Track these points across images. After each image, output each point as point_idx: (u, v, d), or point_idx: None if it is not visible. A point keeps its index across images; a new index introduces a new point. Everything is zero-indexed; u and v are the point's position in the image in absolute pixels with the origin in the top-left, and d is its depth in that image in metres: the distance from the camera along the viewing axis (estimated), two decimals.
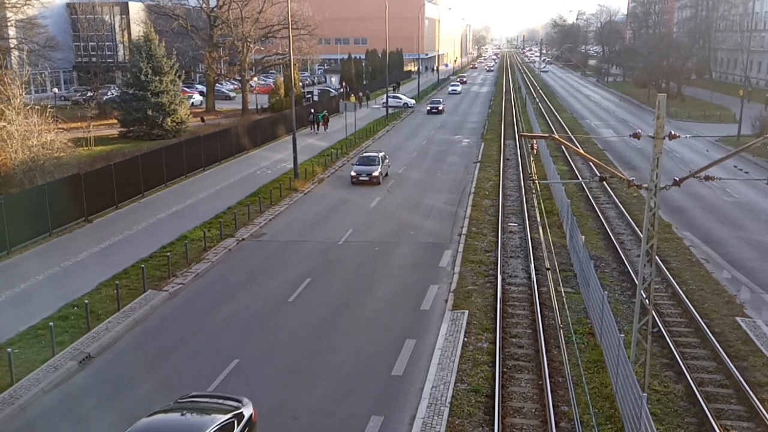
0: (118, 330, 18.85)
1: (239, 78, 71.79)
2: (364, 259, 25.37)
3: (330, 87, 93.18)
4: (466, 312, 20.08)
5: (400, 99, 79.40)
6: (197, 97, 76.02)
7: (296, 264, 24.74)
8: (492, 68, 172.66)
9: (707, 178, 15.00)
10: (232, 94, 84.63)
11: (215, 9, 67.69)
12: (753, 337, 18.43)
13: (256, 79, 79.74)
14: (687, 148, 47.73)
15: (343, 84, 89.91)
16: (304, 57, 75.99)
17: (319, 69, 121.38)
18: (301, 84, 77.32)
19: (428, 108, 74.21)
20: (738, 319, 19.64)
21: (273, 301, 21.29)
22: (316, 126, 57.70)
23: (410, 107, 77.68)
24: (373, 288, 22.44)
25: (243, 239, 27.61)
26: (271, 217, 31.02)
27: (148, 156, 35.41)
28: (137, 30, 73.20)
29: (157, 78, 50.47)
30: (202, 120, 60.40)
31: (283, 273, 23.81)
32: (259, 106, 68.39)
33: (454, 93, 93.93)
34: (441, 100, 79.51)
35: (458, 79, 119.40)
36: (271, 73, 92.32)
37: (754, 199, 33.92)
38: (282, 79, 68.33)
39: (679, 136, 14.76)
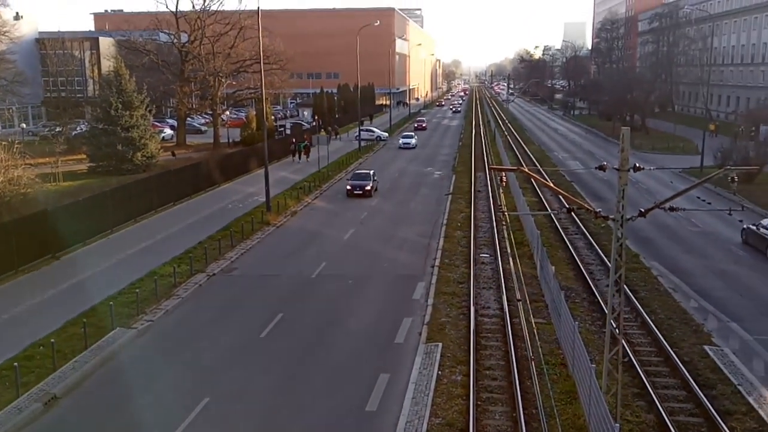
0: (85, 369, 18.43)
1: (211, 112, 71.82)
2: (338, 292, 25.28)
3: (302, 120, 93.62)
4: (440, 344, 20.07)
5: (373, 132, 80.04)
6: (168, 131, 75.67)
7: (268, 299, 24.54)
8: (459, 108, 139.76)
9: (672, 209, 15.32)
10: (204, 128, 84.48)
11: (186, 44, 67.96)
12: (721, 366, 18.69)
13: (227, 112, 79.80)
14: (652, 180, 48.75)
15: (316, 117, 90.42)
16: (276, 91, 76.40)
17: (291, 103, 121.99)
18: (273, 117, 77.66)
19: (401, 143, 72.11)
20: (706, 347, 19.92)
21: (244, 337, 21.04)
22: (298, 155, 60.00)
23: (383, 140, 78.29)
24: (347, 322, 22.33)
25: (214, 274, 27.34)
26: (243, 251, 30.81)
27: (116, 191, 35.06)
28: (107, 65, 72.89)
29: (128, 113, 50.23)
30: (173, 154, 60.10)
31: (255, 308, 23.58)
32: (230, 140, 68.34)
33: (406, 147, 70.64)
34: (413, 134, 76.96)
35: (417, 123, 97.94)
36: (243, 106, 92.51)
37: (717, 229, 34.69)
38: (254, 112, 68.50)
39: (643, 168, 15.13)
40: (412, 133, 76.17)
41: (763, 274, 27.52)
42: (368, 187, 43.66)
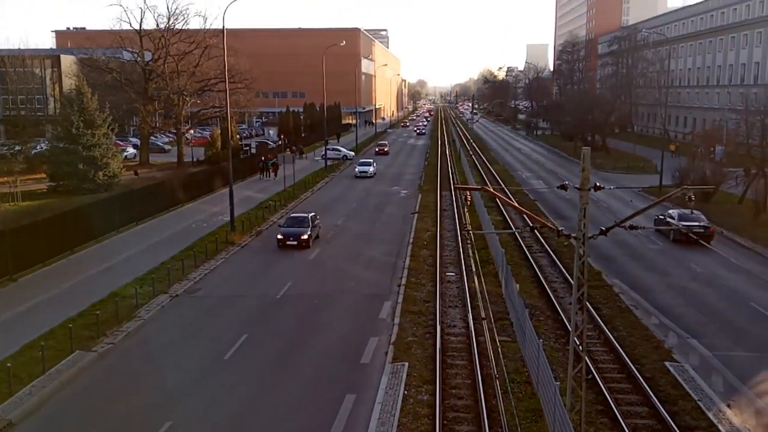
0: (43, 394, 17.92)
1: (175, 131, 71.15)
2: (303, 312, 25.11)
3: (268, 139, 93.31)
4: (406, 364, 20.06)
5: (340, 151, 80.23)
6: (131, 150, 74.73)
7: (232, 320, 24.25)
8: (423, 130, 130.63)
9: (632, 227, 15.66)
10: (168, 147, 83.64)
11: (150, 63, 67.43)
12: (681, 382, 19.04)
13: (192, 131, 79.17)
14: (613, 199, 49.73)
15: (281, 136, 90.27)
16: (242, 110, 76.21)
17: (257, 122, 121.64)
18: (238, 136, 77.28)
19: (357, 171, 63.90)
20: (667, 363, 20.28)
21: (208, 359, 20.73)
22: (267, 173, 60.75)
23: (349, 159, 78.46)
24: (313, 342, 22.18)
25: (177, 295, 26.93)
26: (207, 271, 30.44)
27: (77, 211, 34.41)
28: (69, 83, 71.82)
29: (89, 131, 49.47)
30: (136, 173, 59.29)
31: (219, 330, 23.28)
32: (195, 159, 67.73)
33: (363, 175, 62.77)
34: (371, 160, 67.39)
35: (378, 147, 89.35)
36: (208, 125, 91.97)
37: (676, 247, 35.47)
38: (219, 131, 68.10)
39: (603, 187, 15.46)
40: (370, 160, 67.17)
41: (671, 257, 28.22)
42: (305, 236, 34.48)
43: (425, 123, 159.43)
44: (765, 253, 33.95)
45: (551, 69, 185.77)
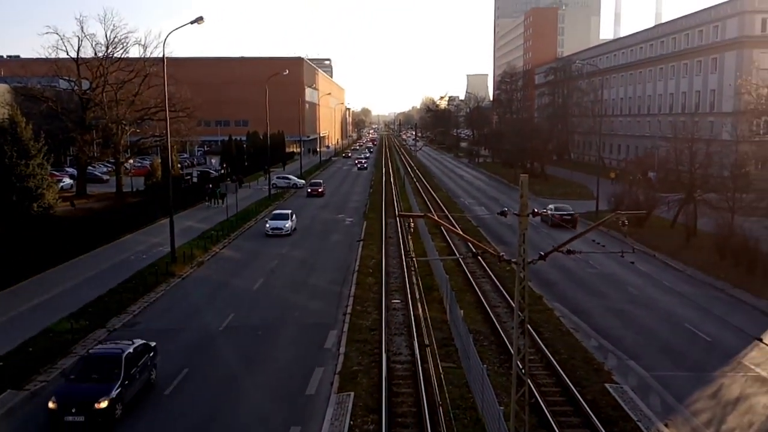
0: None
1: (113, 160, 69.49)
2: (247, 344, 24.70)
3: (210, 168, 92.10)
4: (352, 394, 19.92)
5: (290, 179, 79.89)
6: (67, 181, 72.43)
7: (173, 354, 23.60)
8: (365, 164, 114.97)
9: (569, 251, 16.09)
10: (106, 177, 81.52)
11: (88, 91, 65.91)
12: (621, 403, 19.51)
13: (131, 161, 77.45)
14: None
15: (224, 165, 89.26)
16: (183, 139, 75.06)
17: (198, 151, 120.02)
18: (179, 166, 76.01)
19: (268, 227, 47.27)
20: (607, 385, 20.77)
21: (147, 395, 20.08)
22: (214, 200, 60.59)
23: (299, 187, 78.17)
24: (256, 374, 21.81)
25: (114, 329, 26.10)
26: (146, 304, 29.64)
27: (8, 244, 33.07)
28: (2, 112, 69.45)
29: (23, 161, 47.76)
30: (72, 204, 57.39)
31: (159, 364, 22.61)
32: (134, 189, 66.19)
33: (276, 232, 46.59)
34: (289, 212, 49.95)
35: (311, 188, 73.11)
36: (148, 154, 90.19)
37: (613, 271, 36.57)
38: (159, 160, 66.83)
39: (541, 213, 15.88)
40: (288, 211, 50.15)
41: (608, 280, 29.23)
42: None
43: (368, 155, 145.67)
44: (696, 275, 35.32)
45: (491, 98, 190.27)
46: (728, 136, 56.27)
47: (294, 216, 46.16)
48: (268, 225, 47.26)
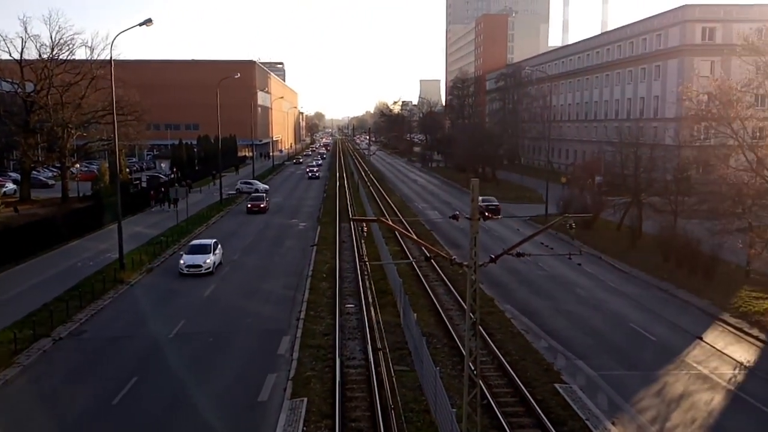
0: None
1: (59, 165, 67.55)
2: (198, 351, 24.35)
3: (160, 173, 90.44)
4: (305, 399, 19.85)
5: (252, 185, 78.96)
6: (10, 186, 70.12)
7: (121, 362, 23.12)
8: (316, 172, 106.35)
9: (519, 254, 16.42)
10: (51, 182, 79.23)
11: (32, 94, 63.90)
12: (570, 402, 19.96)
13: (78, 165, 75.46)
14: (503, 227, 51.79)
15: (174, 169, 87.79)
16: (131, 143, 73.51)
17: (148, 155, 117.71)
18: (128, 170, 74.47)
19: (183, 264, 36.43)
20: (556, 385, 21.21)
21: (95, 404, 19.62)
22: (167, 204, 59.20)
23: (260, 192, 76.89)
24: (208, 382, 21.51)
25: (60, 338, 25.39)
26: (94, 312, 28.93)
27: None
28: None
29: None
30: (16, 210, 55.56)
31: (107, 373, 22.13)
32: (81, 194, 64.45)
33: (192, 269, 35.98)
34: (211, 243, 38.05)
35: (252, 203, 61.87)
36: (95, 159, 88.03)
37: (562, 272, 37.35)
38: (107, 165, 65.30)
39: (492, 217, 16.17)
40: (210, 241, 38.57)
41: (557, 282, 29.95)
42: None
43: (320, 162, 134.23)
44: (641, 276, 36.37)
45: (444, 103, 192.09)
46: (671, 141, 58.15)
47: (218, 248, 37.72)
48: (182, 261, 35.92)
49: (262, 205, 61.15)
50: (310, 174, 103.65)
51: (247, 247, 44.59)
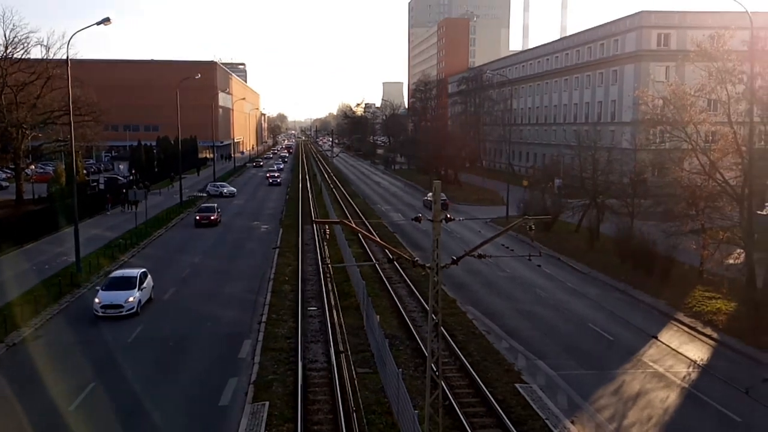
0: None
1: (13, 166, 65.73)
2: (157, 356, 23.98)
3: (118, 175, 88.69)
4: (267, 403, 19.72)
5: (219, 187, 77.95)
6: None
7: (78, 368, 22.60)
8: (278, 177, 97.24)
9: (480, 256, 16.58)
10: (5, 183, 77.05)
11: None
12: (530, 402, 20.26)
13: (32, 167, 73.52)
14: (466, 229, 52.21)
15: (133, 171, 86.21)
16: (89, 144, 72.02)
17: (105, 156, 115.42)
18: (85, 172, 72.85)
19: (97, 304, 30.40)
20: (517, 385, 21.50)
21: (49, 412, 19.14)
22: (128, 206, 57.98)
23: (225, 196, 75.74)
24: (167, 388, 21.21)
25: (14, 344, 24.73)
26: (49, 316, 28.25)
27: None
28: None
29: None
30: None
31: (63, 379, 21.61)
32: (36, 196, 62.84)
33: (112, 310, 28.24)
34: (136, 274, 30.28)
35: (201, 215, 55.16)
36: (51, 160, 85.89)
37: (522, 274, 37.87)
38: (63, 166, 63.78)
39: (454, 219, 16.31)
40: (134, 273, 30.79)
41: (518, 283, 30.43)
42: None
43: (281, 166, 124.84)
44: (599, 277, 37.09)
45: (406, 106, 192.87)
46: (627, 145, 59.47)
47: (147, 279, 30.41)
48: (97, 299, 28.43)
49: (212, 218, 54.36)
50: (271, 180, 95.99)
51: (207, 250, 44.05)
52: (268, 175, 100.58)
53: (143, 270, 31.10)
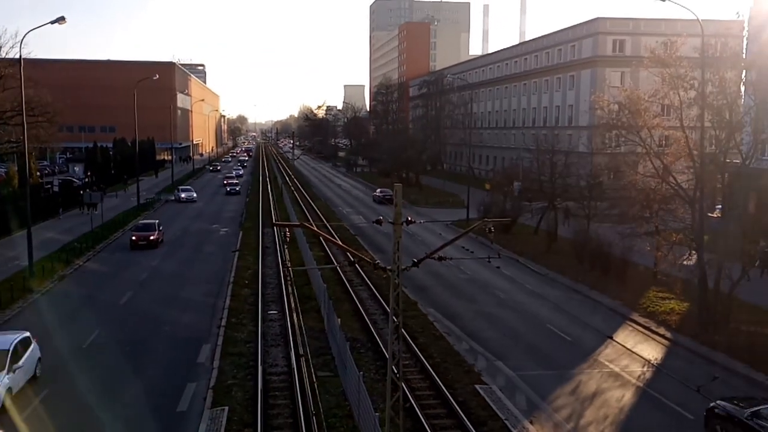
0: None
1: None
2: (113, 361, 23.49)
3: (74, 177, 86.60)
4: (227, 408, 19.49)
5: (184, 192, 74.98)
6: None
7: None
8: (236, 185, 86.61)
9: (441, 258, 16.69)
10: None
11: None
12: (490, 402, 20.46)
13: None
14: (427, 232, 52.48)
15: (89, 173, 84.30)
16: (43, 145, 70.11)
17: (60, 158, 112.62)
18: (38, 174, 71.04)
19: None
20: (477, 386, 21.69)
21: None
22: (88, 208, 55.75)
23: (184, 201, 73.28)
24: (124, 392, 20.79)
25: None
26: (0, 323, 27.39)
27: None
28: None
29: None
30: None
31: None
32: None
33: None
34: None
35: (138, 235, 45.45)
36: (3, 162, 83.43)
37: (482, 276, 38.23)
38: (16, 168, 62.03)
39: (415, 222, 16.39)
40: (11, 338, 21.14)
41: (478, 286, 30.81)
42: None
43: (240, 172, 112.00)
44: (557, 278, 37.69)
45: (368, 109, 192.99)
46: (584, 149, 60.59)
47: (30, 350, 21.55)
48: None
49: (151, 238, 44.70)
50: (229, 188, 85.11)
51: (165, 253, 43.36)
52: (225, 182, 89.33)
53: (23, 336, 21.80)
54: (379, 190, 78.60)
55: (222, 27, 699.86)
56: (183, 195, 74.48)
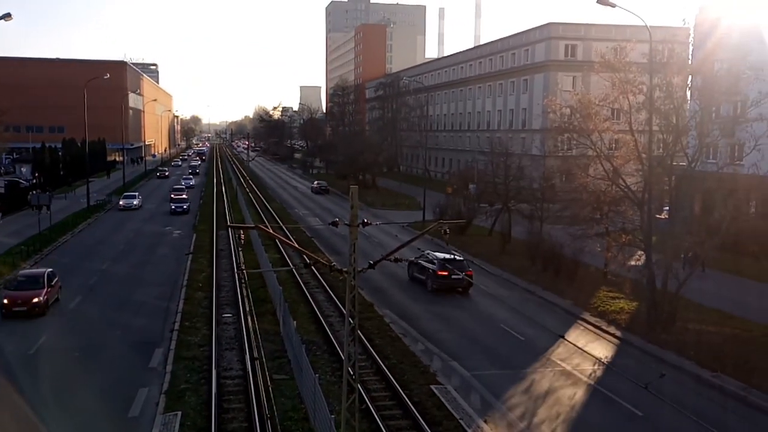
0: None
1: None
2: (61, 367, 22.85)
3: (20, 178, 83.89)
4: (180, 413, 19.18)
5: (121, 200, 71.62)
6: None
7: None
8: (185, 203, 66.83)
9: (396, 260, 16.75)
10: None
11: None
12: (445, 402, 20.62)
13: None
14: (383, 233, 52.58)
15: (36, 175, 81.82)
16: None
17: (6, 158, 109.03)
18: None
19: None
20: (432, 387, 21.84)
21: None
22: (40, 209, 53.03)
23: (123, 209, 70.44)
24: (72, 399, 20.23)
25: None
26: None
27: None
28: None
29: None
30: None
31: None
32: None
33: None
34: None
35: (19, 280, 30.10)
36: None
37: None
38: None
39: (371, 223, 16.42)
40: None
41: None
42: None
43: (192, 182, 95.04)
44: (511, 279, 38.23)
45: (324, 110, 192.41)
46: (537, 151, 61.70)
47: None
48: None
49: (35, 300, 28.58)
50: (174, 205, 65.80)
51: (116, 256, 42.41)
52: (172, 195, 71.42)
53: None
54: (316, 182, 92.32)
55: (176, 26, 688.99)
56: (122, 202, 66.69)
